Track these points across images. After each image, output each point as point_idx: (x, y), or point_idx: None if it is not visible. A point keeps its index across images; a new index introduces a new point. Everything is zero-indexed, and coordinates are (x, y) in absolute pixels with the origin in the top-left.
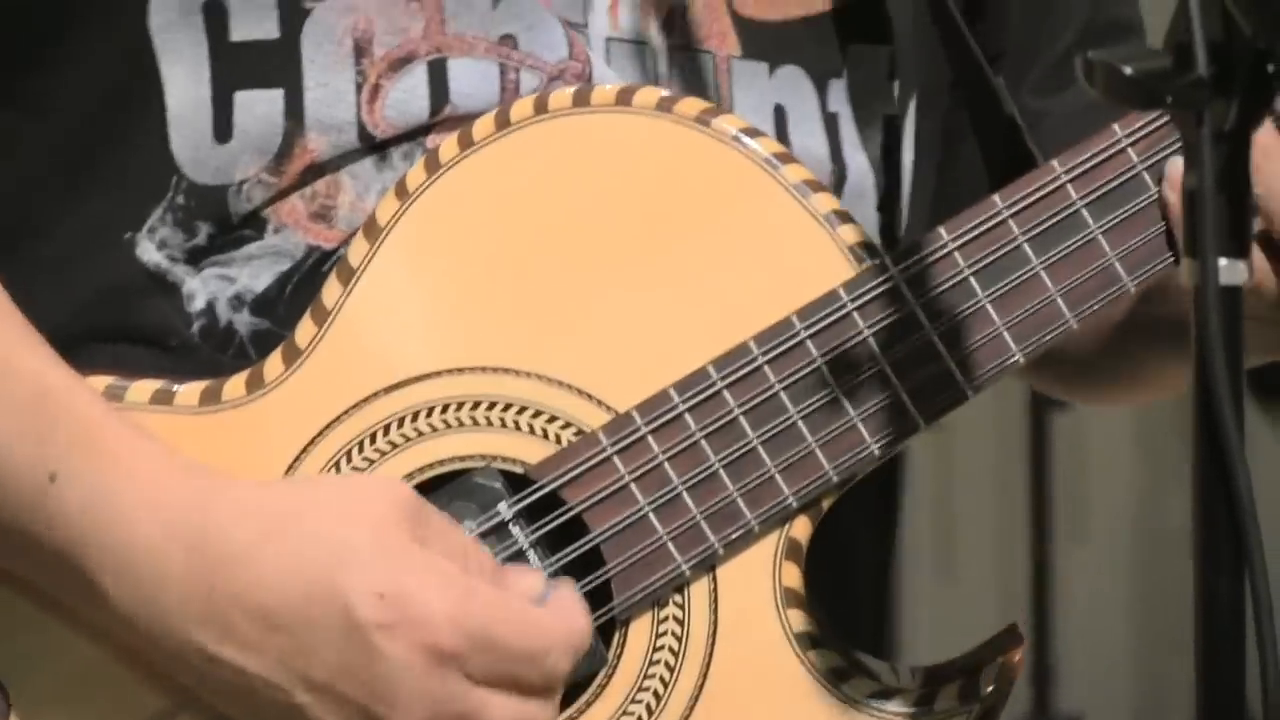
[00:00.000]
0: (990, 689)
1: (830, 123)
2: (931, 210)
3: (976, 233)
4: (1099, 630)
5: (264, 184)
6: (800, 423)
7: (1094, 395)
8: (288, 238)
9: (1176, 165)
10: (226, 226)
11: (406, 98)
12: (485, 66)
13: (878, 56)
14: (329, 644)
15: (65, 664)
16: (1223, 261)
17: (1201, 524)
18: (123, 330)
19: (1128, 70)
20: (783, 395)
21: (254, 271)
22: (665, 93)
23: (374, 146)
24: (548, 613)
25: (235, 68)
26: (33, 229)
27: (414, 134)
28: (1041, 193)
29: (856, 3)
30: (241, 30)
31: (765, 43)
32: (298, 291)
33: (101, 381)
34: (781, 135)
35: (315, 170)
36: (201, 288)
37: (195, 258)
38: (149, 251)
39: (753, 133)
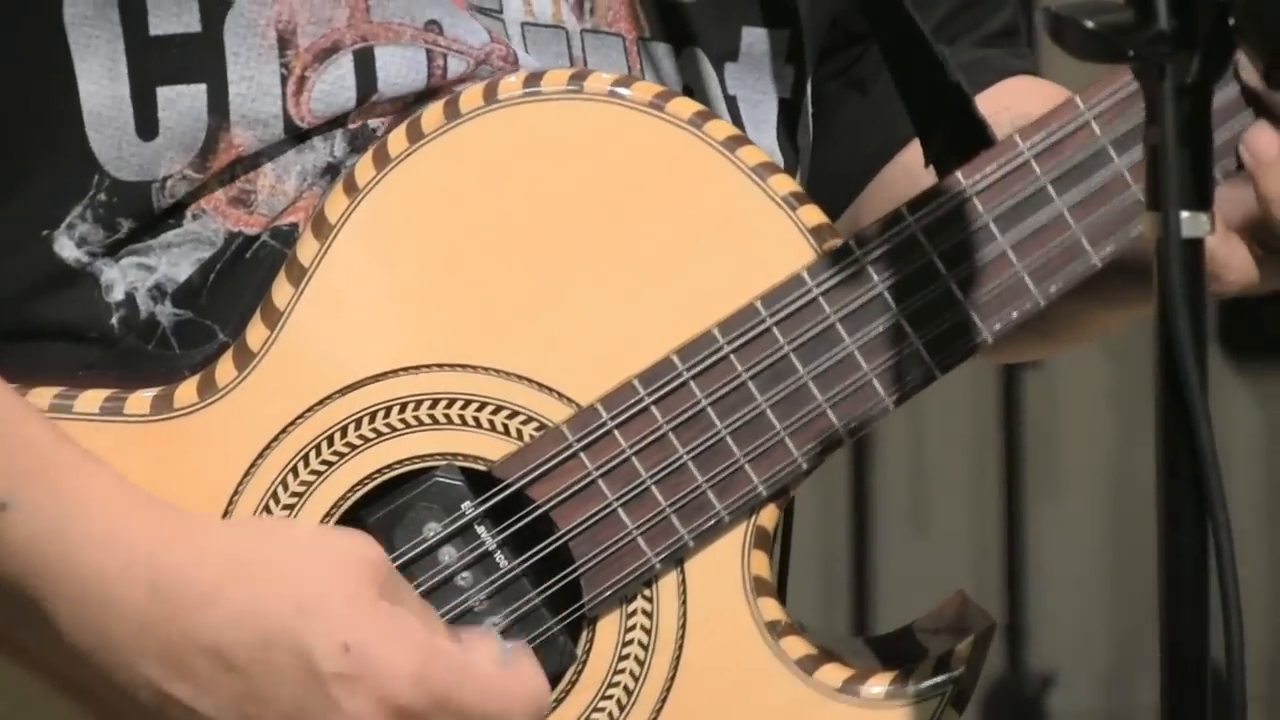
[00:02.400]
0: (962, 669)
1: (731, 105)
2: (856, 158)
3: (941, 212)
4: (1072, 586)
5: (188, 179)
6: (768, 411)
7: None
8: (206, 224)
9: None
10: (146, 219)
11: (333, 89)
12: (412, 53)
13: (778, 40)
14: (285, 690)
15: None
16: (1185, 214)
17: (1165, 476)
18: (41, 327)
19: (1090, 24)
20: (750, 384)
21: (173, 260)
22: (617, 77)
23: (297, 135)
24: (511, 677)
25: (155, 63)
26: None
27: (337, 121)
28: (1004, 171)
29: None
30: (161, 24)
31: (668, 25)
32: (220, 280)
33: (49, 392)
34: None
35: (236, 165)
36: (120, 278)
37: (114, 250)
38: (67, 248)
39: (707, 116)
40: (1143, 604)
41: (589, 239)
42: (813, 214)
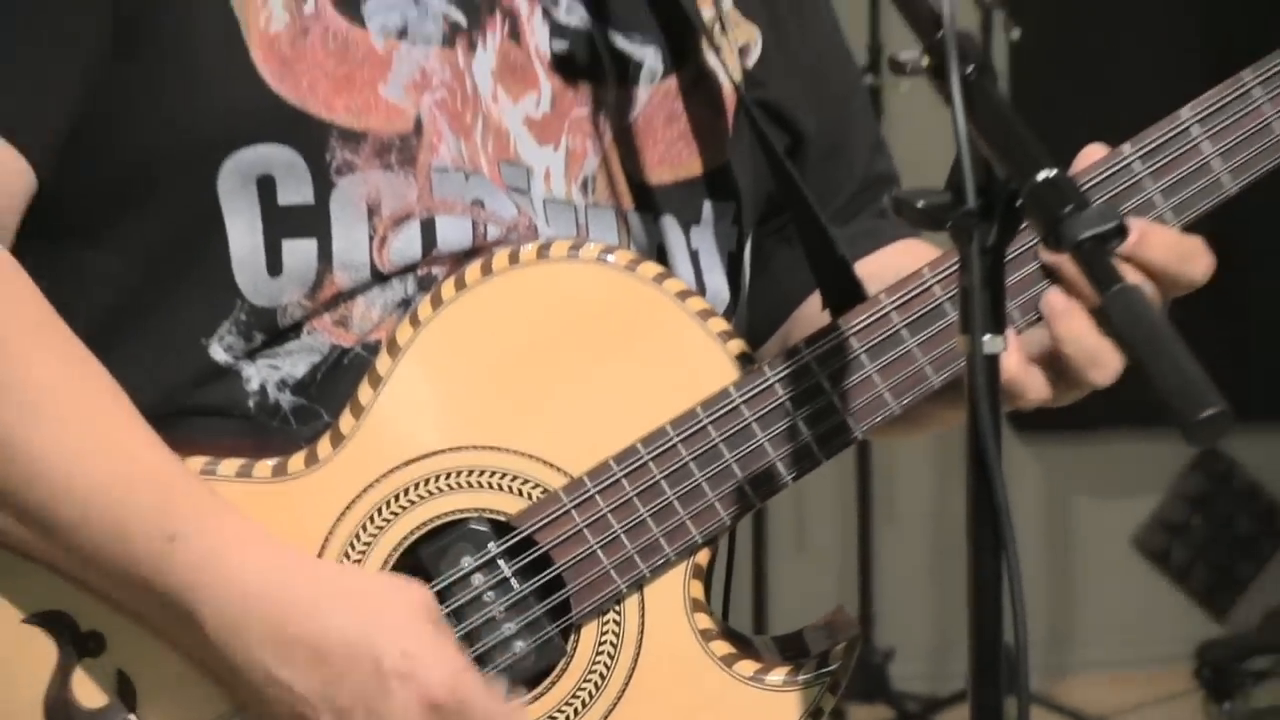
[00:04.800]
0: (838, 665)
1: (694, 257)
2: (787, 295)
3: (827, 346)
4: (906, 588)
5: (302, 306)
6: (704, 484)
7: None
8: (317, 339)
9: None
10: (274, 334)
11: (405, 246)
12: (462, 221)
13: (726, 210)
14: (358, 680)
15: (170, 665)
16: (986, 337)
17: (972, 515)
18: (199, 407)
19: (920, 204)
20: (691, 464)
21: (293, 362)
22: (604, 246)
23: (380, 278)
24: (506, 708)
25: (282, 223)
26: (129, 336)
27: (409, 268)
28: (872, 319)
29: (713, 171)
30: (286, 197)
31: (651, 200)
32: (326, 378)
33: (199, 461)
34: (665, 265)
35: (338, 297)
36: (256, 374)
37: (252, 354)
38: (219, 352)
39: (666, 275)
40: (957, 603)
41: (581, 360)
42: (738, 346)
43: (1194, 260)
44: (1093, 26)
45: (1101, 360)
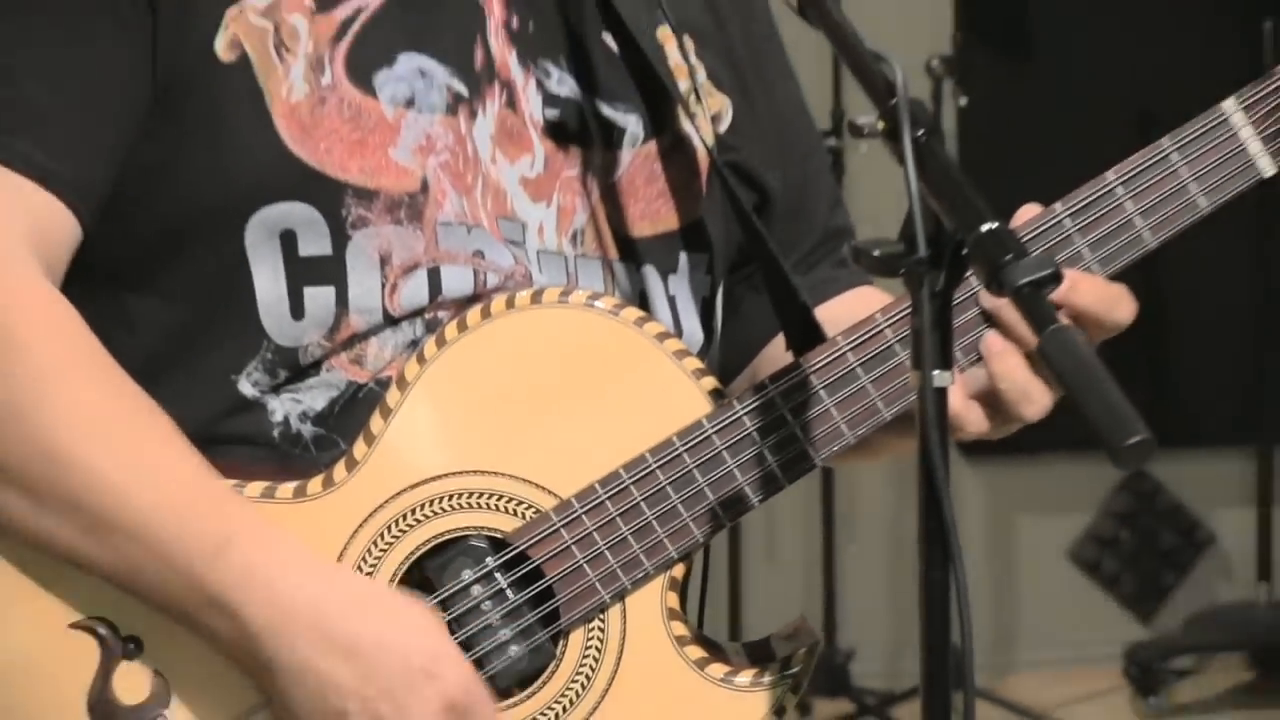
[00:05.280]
0: (799, 668)
1: (671, 302)
2: (754, 336)
3: (790, 382)
4: (865, 595)
5: (321, 346)
6: (679, 505)
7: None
8: (336, 375)
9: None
10: (296, 371)
11: (414, 293)
12: (464, 270)
13: (700, 260)
14: (387, 674)
15: (201, 665)
16: (935, 372)
17: (923, 530)
18: (229, 437)
19: (876, 253)
20: (668, 488)
21: (314, 396)
22: (591, 292)
23: (391, 321)
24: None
25: (303, 272)
26: (166, 372)
27: (417, 312)
28: (830, 358)
29: (688, 226)
30: (306, 248)
31: (633, 251)
32: (343, 410)
33: (228, 483)
34: (646, 310)
35: (353, 338)
36: (280, 407)
37: (276, 389)
38: (247, 387)
39: (646, 319)
40: (910, 608)
41: (570, 394)
42: (710, 382)
43: (1119, 305)
44: (1033, 95)
45: (1032, 396)
